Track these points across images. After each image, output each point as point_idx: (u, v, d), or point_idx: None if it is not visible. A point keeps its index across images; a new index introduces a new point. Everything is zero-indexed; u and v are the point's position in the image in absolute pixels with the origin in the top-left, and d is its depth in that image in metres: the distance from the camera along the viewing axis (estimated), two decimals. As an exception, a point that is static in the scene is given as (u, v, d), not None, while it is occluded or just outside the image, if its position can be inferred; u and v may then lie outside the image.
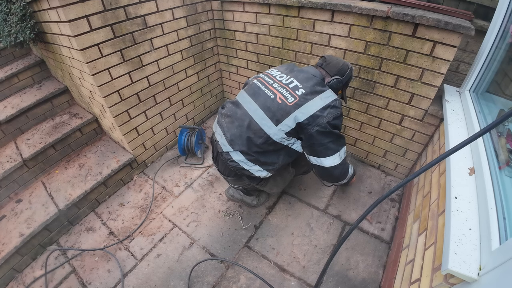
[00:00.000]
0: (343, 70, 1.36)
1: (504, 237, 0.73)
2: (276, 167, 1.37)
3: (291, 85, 1.28)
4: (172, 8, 1.90)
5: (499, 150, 1.01)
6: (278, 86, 1.30)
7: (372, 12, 1.45)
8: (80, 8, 1.44)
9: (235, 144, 1.33)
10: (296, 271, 1.49)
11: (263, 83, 1.36)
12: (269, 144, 1.29)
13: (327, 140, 1.25)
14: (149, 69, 1.94)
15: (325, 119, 1.21)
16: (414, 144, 1.77)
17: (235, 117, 1.35)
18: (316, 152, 1.30)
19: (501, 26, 1.25)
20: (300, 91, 1.25)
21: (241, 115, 1.33)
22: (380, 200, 0.80)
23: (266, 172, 1.37)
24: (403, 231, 1.44)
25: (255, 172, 1.36)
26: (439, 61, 1.39)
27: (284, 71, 1.38)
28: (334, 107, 1.24)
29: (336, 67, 1.36)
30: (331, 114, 1.22)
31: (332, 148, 1.29)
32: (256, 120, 1.28)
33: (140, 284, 1.50)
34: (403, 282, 1.12)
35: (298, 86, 1.27)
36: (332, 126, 1.23)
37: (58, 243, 1.78)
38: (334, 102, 1.25)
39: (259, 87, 1.35)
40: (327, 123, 1.21)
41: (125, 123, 1.94)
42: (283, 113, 1.23)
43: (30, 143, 2.01)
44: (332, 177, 1.44)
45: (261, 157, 1.32)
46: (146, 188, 2.09)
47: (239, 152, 1.33)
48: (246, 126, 1.30)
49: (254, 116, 1.30)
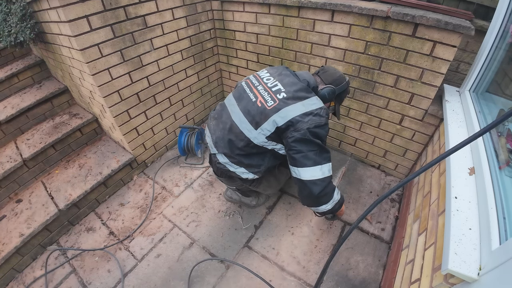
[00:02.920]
0: (338, 81, 1.33)
1: (504, 237, 0.73)
2: (262, 169, 1.34)
3: (274, 88, 1.25)
4: (172, 8, 1.90)
5: (499, 150, 1.01)
6: (261, 89, 1.28)
7: (372, 12, 1.45)
8: (80, 8, 1.44)
9: (219, 147, 1.34)
10: (296, 271, 1.49)
11: (249, 85, 1.35)
12: (251, 147, 1.27)
13: (306, 149, 1.16)
14: (149, 69, 1.94)
15: (305, 125, 1.14)
16: (414, 144, 1.77)
17: (220, 120, 1.37)
18: (294, 160, 1.19)
19: (501, 26, 1.25)
20: (282, 95, 1.21)
21: (224, 118, 1.34)
22: (380, 200, 0.80)
23: (252, 175, 1.36)
24: (403, 231, 1.44)
25: (241, 174, 1.35)
26: (439, 61, 1.39)
27: (273, 73, 1.35)
28: (317, 115, 1.16)
29: (332, 76, 1.34)
30: (312, 121, 1.14)
31: (312, 158, 1.16)
32: (237, 123, 1.28)
33: (140, 284, 1.50)
34: (403, 282, 1.13)
35: (281, 90, 1.23)
36: (313, 134, 1.14)
37: (58, 243, 1.78)
38: (318, 110, 1.18)
39: (245, 89, 1.35)
40: (307, 129, 1.13)
41: (125, 123, 1.94)
42: (262, 116, 1.20)
43: (30, 143, 2.01)
44: (311, 196, 1.22)
45: (244, 160, 1.31)
46: (146, 188, 2.09)
47: (223, 155, 1.34)
48: (228, 129, 1.31)
49: (235, 119, 1.29)
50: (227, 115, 1.35)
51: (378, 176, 2.02)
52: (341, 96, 1.38)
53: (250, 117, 1.25)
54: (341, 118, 2.02)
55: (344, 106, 1.94)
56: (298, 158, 1.17)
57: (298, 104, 1.18)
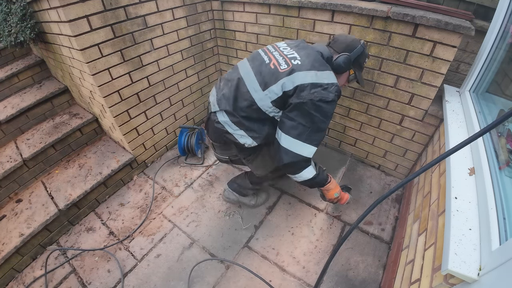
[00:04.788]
0: (351, 46, 1.24)
1: (504, 237, 0.73)
2: (261, 135, 1.29)
3: (290, 55, 1.22)
4: (172, 8, 1.90)
5: (499, 150, 1.01)
6: (277, 54, 1.25)
7: (372, 12, 1.45)
8: (80, 8, 1.44)
9: (221, 103, 1.29)
10: (296, 271, 1.49)
11: (265, 50, 1.33)
12: (253, 110, 1.23)
13: (300, 120, 1.13)
14: (149, 69, 1.94)
15: (310, 95, 1.09)
16: (414, 144, 1.77)
17: (229, 78, 1.34)
18: (282, 124, 1.18)
19: (501, 26, 1.25)
20: (296, 62, 1.17)
21: (234, 77, 1.31)
22: (380, 200, 0.80)
23: (251, 140, 1.29)
24: (403, 231, 1.44)
25: (240, 138, 1.29)
26: (439, 61, 1.39)
27: (291, 44, 1.31)
28: (326, 89, 1.11)
29: (344, 43, 1.25)
30: (319, 94, 1.09)
31: (301, 131, 1.14)
32: (245, 82, 1.25)
33: (140, 284, 1.50)
34: (403, 282, 1.12)
35: (296, 58, 1.19)
36: (315, 107, 1.10)
37: (58, 243, 1.78)
38: (329, 86, 1.12)
39: (259, 53, 1.32)
40: (309, 100, 1.09)
41: (125, 123, 1.94)
42: (272, 78, 1.17)
43: (30, 143, 2.01)
44: (278, 160, 1.24)
45: (245, 121, 1.26)
46: (146, 188, 2.09)
47: (224, 112, 1.28)
48: (235, 86, 1.27)
49: (244, 78, 1.26)
50: (237, 73, 1.31)
51: (378, 177, 2.02)
52: (359, 60, 1.28)
53: (260, 77, 1.21)
54: (341, 118, 2.02)
55: (344, 106, 1.94)
56: (287, 123, 1.16)
57: (312, 73, 1.13)
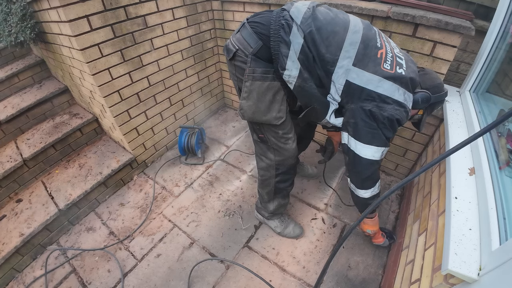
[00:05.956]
0: (437, 88, 1.11)
1: (504, 237, 0.74)
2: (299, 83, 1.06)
3: (398, 59, 1.05)
4: (172, 8, 1.91)
5: (499, 150, 1.01)
6: (388, 47, 1.06)
7: (372, 12, 1.45)
8: (80, 8, 1.44)
9: (311, 25, 0.99)
10: (296, 271, 1.49)
11: (378, 32, 1.11)
12: (315, 68, 1.03)
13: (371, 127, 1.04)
14: (149, 69, 1.94)
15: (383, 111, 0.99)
16: (414, 144, 1.77)
17: (335, 14, 1.06)
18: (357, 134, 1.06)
19: (501, 26, 1.25)
20: (400, 71, 1.02)
21: (339, 20, 1.03)
22: (380, 200, 0.80)
23: (293, 78, 1.05)
24: (403, 231, 1.44)
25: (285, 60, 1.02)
26: (439, 61, 1.39)
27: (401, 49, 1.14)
28: (397, 110, 1.01)
29: (432, 81, 1.12)
30: (392, 111, 1.00)
31: (379, 137, 1.06)
32: (343, 37, 0.99)
33: (140, 284, 1.50)
34: (403, 282, 1.12)
35: (402, 66, 1.04)
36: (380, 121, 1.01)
37: (58, 243, 1.78)
38: (403, 108, 1.02)
39: (373, 28, 1.09)
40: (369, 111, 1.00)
41: (125, 123, 1.94)
42: (369, 65, 1.00)
43: (30, 142, 2.01)
44: (360, 174, 1.16)
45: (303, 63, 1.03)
46: (146, 188, 2.09)
47: (301, 32, 0.99)
48: (330, 29, 1.00)
49: (348, 34, 1.00)
50: (344, 23, 1.03)
51: (378, 176, 2.02)
52: (434, 106, 1.17)
53: (361, 51, 0.99)
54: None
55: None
56: (367, 133, 1.05)
57: (395, 87, 1.01)
